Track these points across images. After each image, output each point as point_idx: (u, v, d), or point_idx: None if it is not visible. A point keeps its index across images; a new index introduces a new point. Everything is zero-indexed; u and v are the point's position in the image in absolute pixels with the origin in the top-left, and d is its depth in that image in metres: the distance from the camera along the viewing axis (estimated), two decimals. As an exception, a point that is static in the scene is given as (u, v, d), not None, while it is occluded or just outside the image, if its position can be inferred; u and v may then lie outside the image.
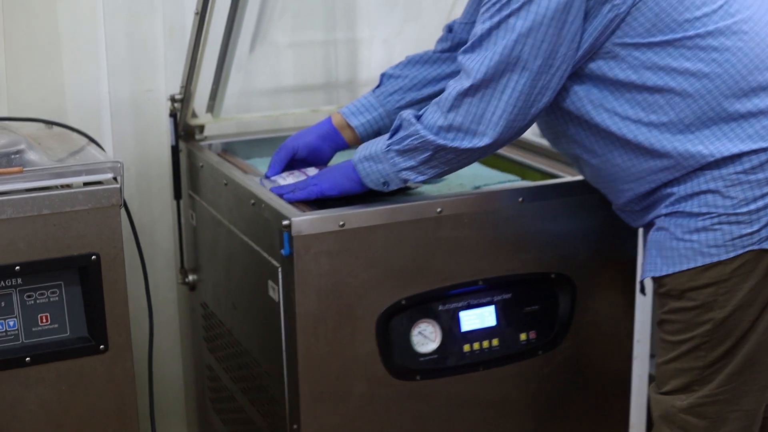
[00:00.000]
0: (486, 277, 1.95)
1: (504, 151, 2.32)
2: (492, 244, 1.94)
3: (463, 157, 1.80)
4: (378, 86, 2.10)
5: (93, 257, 1.78)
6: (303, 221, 1.78)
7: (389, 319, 1.89)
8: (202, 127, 2.40)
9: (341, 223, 1.81)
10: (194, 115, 2.37)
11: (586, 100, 1.73)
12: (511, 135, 1.76)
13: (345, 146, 2.10)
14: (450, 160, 1.80)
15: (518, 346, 2.02)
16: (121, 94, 2.41)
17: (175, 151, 2.35)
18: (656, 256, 1.76)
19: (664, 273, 1.74)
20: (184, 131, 2.36)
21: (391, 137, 1.84)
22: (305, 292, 1.81)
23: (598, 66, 1.70)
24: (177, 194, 2.38)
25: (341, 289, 1.84)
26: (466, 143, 1.75)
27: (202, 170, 2.25)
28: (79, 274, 1.80)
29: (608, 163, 1.78)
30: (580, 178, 2.01)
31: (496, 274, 1.96)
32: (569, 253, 2.02)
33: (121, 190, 1.78)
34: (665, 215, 1.75)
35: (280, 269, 1.85)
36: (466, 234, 1.91)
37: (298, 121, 2.50)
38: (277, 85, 2.58)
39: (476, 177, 2.20)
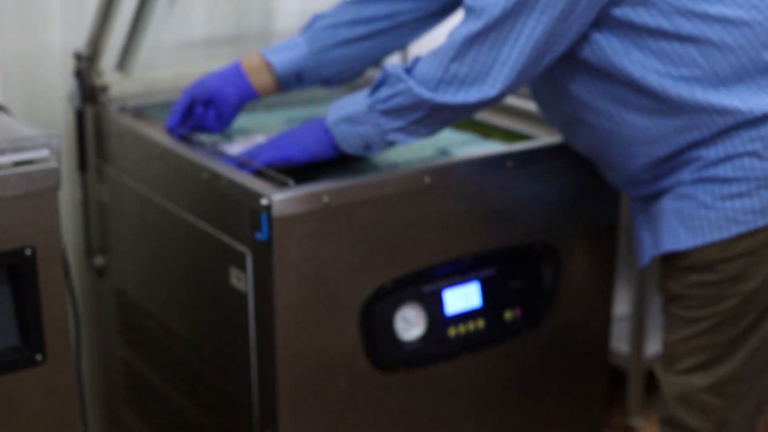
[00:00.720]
0: (472, 252, 1.75)
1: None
2: (479, 215, 1.74)
3: (462, 113, 1.58)
4: (306, 27, 1.86)
5: (27, 251, 1.47)
6: (284, 200, 1.52)
7: (373, 306, 1.66)
8: (104, 88, 2.08)
9: (326, 199, 1.56)
10: (99, 75, 2.05)
11: (609, 49, 1.53)
12: (517, 87, 1.56)
13: (252, 94, 1.82)
14: (447, 117, 1.59)
15: (503, 325, 1.83)
16: (8, 51, 2.04)
17: (80, 116, 2.02)
18: (678, 227, 1.58)
19: (690, 246, 1.57)
20: (87, 93, 2.03)
21: (372, 94, 1.60)
22: (285, 282, 1.56)
23: (625, 12, 1.50)
24: (83, 165, 2.06)
25: (325, 275, 1.59)
26: (471, 97, 1.53)
27: (121, 139, 1.94)
28: (8, 272, 1.48)
29: (622, 124, 1.59)
30: (559, 138, 1.83)
31: (482, 248, 1.76)
32: (554, 220, 1.85)
33: (58, 170, 1.47)
34: (690, 182, 1.57)
35: (250, 256, 1.58)
36: (453, 205, 1.70)
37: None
38: (186, 38, 2.27)
39: (435, 138, 1.98)
